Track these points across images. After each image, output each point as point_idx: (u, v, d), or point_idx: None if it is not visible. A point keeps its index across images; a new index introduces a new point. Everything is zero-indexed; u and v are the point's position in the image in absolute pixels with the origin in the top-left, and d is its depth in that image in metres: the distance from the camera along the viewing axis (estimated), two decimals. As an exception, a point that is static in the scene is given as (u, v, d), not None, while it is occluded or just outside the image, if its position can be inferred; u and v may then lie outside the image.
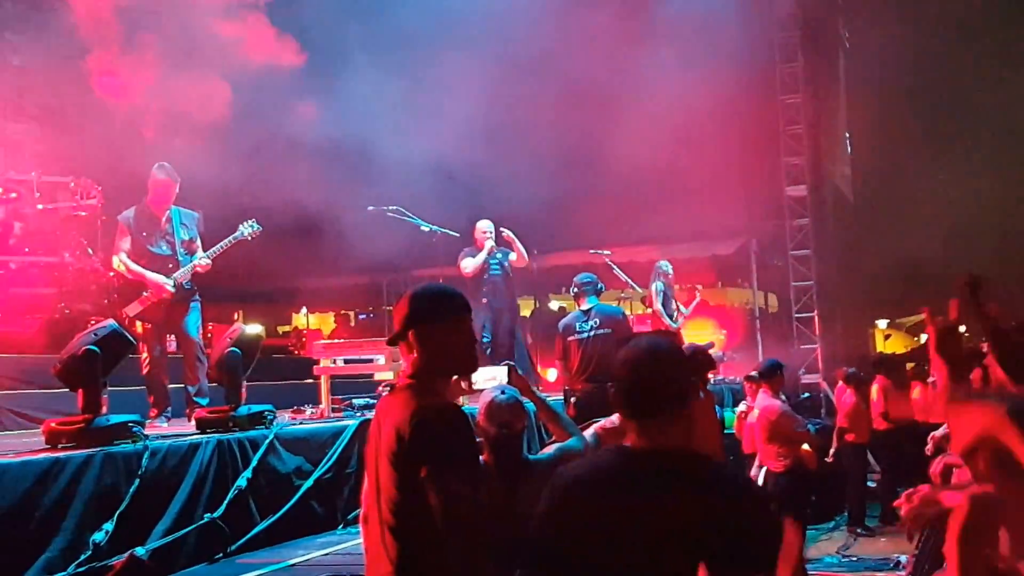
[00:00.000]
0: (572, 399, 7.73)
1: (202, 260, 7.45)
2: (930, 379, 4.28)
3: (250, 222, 7.61)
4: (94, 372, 5.18)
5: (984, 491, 2.65)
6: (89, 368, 5.16)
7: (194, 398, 7.25)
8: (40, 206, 9.64)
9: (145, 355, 7.39)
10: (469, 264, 9.57)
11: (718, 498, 2.32)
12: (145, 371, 7.39)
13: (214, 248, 7.51)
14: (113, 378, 5.49)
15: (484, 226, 9.77)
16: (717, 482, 2.41)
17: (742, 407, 8.85)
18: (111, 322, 5.55)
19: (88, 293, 9.56)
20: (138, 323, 7.35)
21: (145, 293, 7.32)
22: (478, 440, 3.62)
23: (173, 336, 7.83)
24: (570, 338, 7.93)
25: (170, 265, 7.43)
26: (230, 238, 7.52)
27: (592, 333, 7.83)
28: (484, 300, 9.58)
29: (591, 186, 16.28)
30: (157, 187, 7.51)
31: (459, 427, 2.78)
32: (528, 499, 3.99)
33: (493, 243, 9.66)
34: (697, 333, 13.75)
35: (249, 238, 7.57)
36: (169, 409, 7.36)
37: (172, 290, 7.31)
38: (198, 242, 7.62)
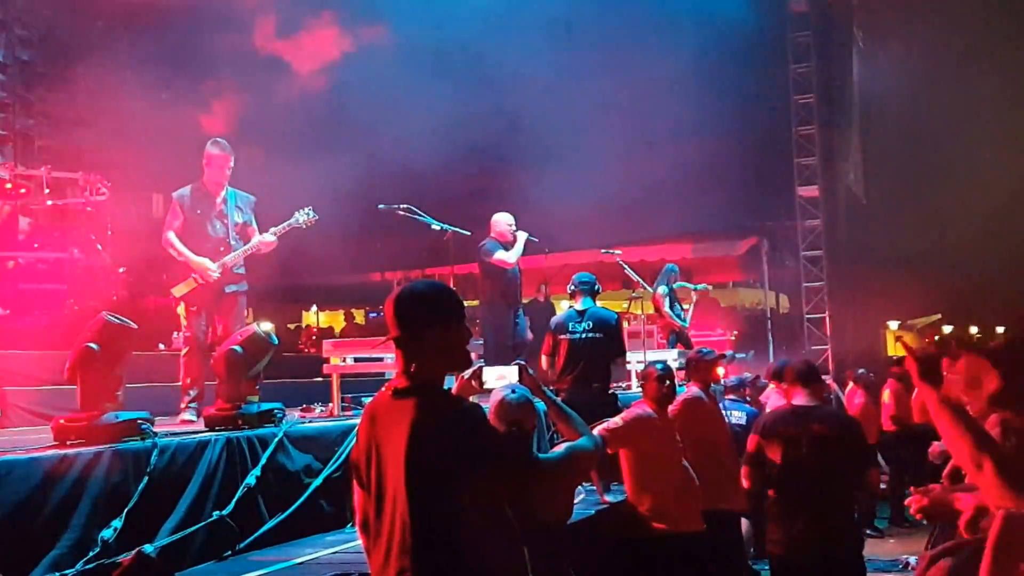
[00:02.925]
0: (558, 398, 7.67)
1: (267, 237, 7.14)
2: None
3: (306, 209, 7.28)
4: (91, 368, 5.13)
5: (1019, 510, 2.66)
6: (84, 365, 5.13)
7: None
8: (49, 202, 9.66)
9: (187, 337, 7.08)
10: (509, 256, 8.90)
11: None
12: (183, 356, 7.07)
13: (276, 228, 7.20)
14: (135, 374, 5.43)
15: (508, 219, 9.16)
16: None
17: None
18: (103, 314, 5.43)
19: (96, 289, 9.56)
20: (181, 305, 7.05)
21: (194, 275, 7.00)
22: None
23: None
24: (561, 336, 7.87)
25: (221, 248, 7.09)
26: (287, 223, 7.22)
27: (584, 335, 7.77)
28: (506, 299, 9.14)
29: (602, 186, 16.24)
30: (213, 163, 7.13)
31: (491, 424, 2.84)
32: (537, 498, 3.96)
33: (527, 233, 9.08)
34: (704, 334, 13.69)
35: (304, 226, 7.26)
36: (196, 404, 6.99)
37: (217, 275, 6.98)
38: (254, 226, 7.28)
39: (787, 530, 5.36)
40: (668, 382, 6.18)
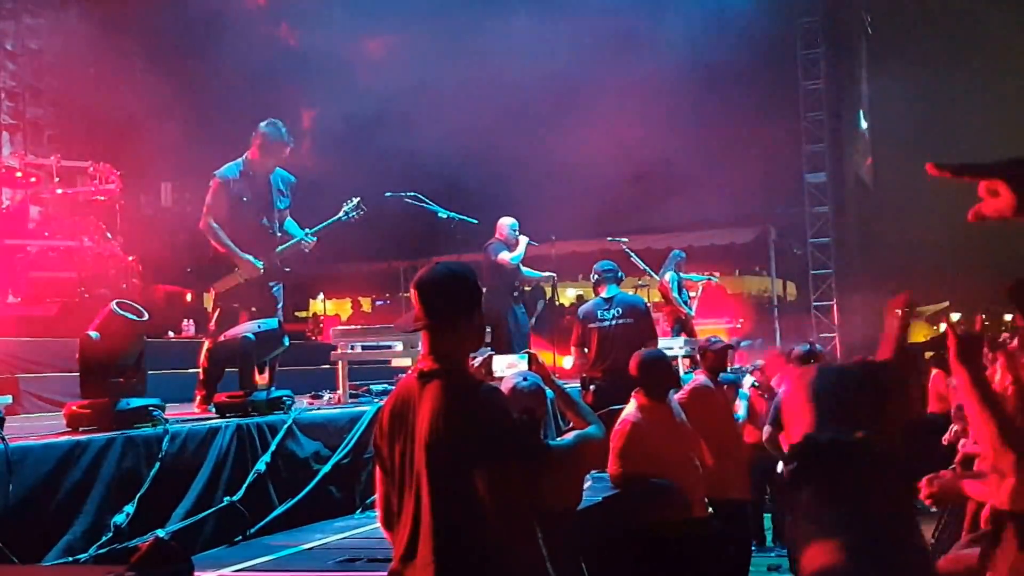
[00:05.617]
0: (591, 386, 7.74)
1: (308, 238, 6.74)
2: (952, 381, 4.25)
3: (355, 201, 6.86)
4: (91, 356, 5.15)
5: None
6: (84, 353, 5.15)
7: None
8: (59, 190, 9.70)
9: (212, 331, 6.71)
10: (513, 257, 9.37)
11: None
12: (208, 347, 6.64)
13: (319, 227, 6.81)
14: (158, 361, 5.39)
15: (512, 222, 9.62)
16: None
17: (749, 380, 8.89)
18: (112, 303, 5.40)
19: (107, 277, 9.61)
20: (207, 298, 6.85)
21: (237, 271, 6.61)
22: None
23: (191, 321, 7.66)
24: (590, 325, 7.92)
25: (267, 242, 6.69)
26: (334, 218, 6.85)
27: (614, 322, 7.81)
28: (516, 295, 9.52)
29: (609, 173, 16.23)
30: (268, 149, 6.61)
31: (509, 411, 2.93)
32: (547, 485, 4.01)
33: (527, 238, 9.54)
34: (710, 323, 13.67)
35: (353, 220, 6.88)
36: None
37: (262, 271, 6.60)
38: (288, 213, 6.88)
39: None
40: (667, 370, 6.16)
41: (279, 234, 6.78)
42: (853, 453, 2.28)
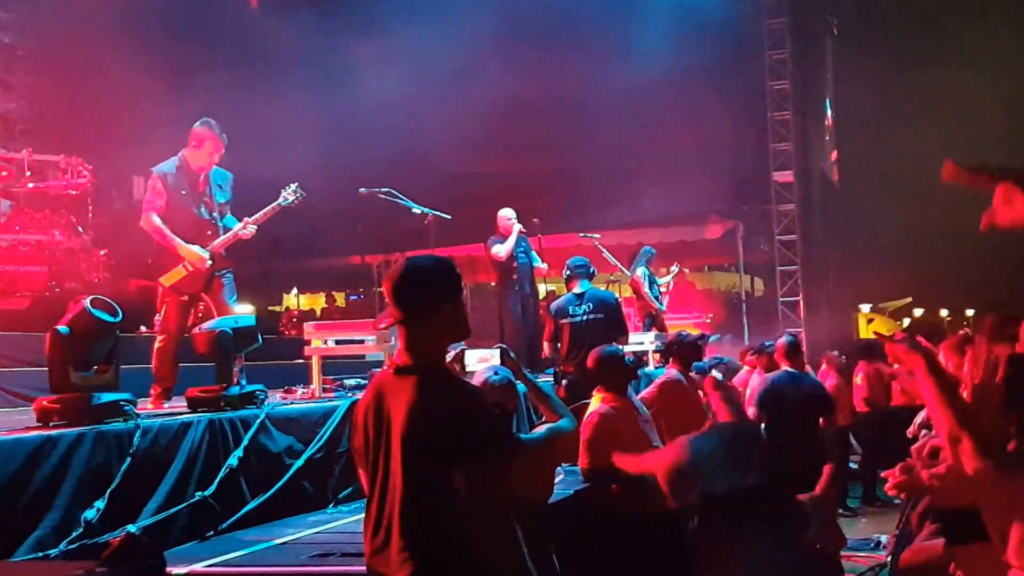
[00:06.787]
0: (563, 381, 7.81)
1: (248, 227, 6.78)
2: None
3: (292, 186, 6.90)
4: (58, 351, 5.13)
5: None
6: (52, 347, 5.13)
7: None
8: (31, 184, 9.64)
9: (163, 326, 6.76)
10: (502, 249, 9.62)
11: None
12: (159, 345, 6.74)
13: (257, 215, 6.84)
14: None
15: (509, 213, 9.83)
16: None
17: (716, 373, 8.99)
18: (86, 299, 5.35)
19: (78, 272, 9.56)
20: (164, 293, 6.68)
21: (185, 263, 6.63)
22: None
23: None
24: (562, 320, 7.98)
25: (208, 232, 6.72)
26: (273, 204, 6.88)
27: (585, 317, 7.88)
28: (516, 287, 9.67)
29: (579, 170, 16.31)
30: (203, 146, 6.70)
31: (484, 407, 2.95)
32: (518, 478, 4.05)
33: (521, 226, 9.74)
34: (680, 318, 13.77)
35: (292, 204, 6.91)
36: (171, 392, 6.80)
37: (210, 263, 6.64)
38: (229, 207, 6.94)
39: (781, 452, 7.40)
40: (621, 364, 6.20)
41: (220, 225, 6.83)
42: None
